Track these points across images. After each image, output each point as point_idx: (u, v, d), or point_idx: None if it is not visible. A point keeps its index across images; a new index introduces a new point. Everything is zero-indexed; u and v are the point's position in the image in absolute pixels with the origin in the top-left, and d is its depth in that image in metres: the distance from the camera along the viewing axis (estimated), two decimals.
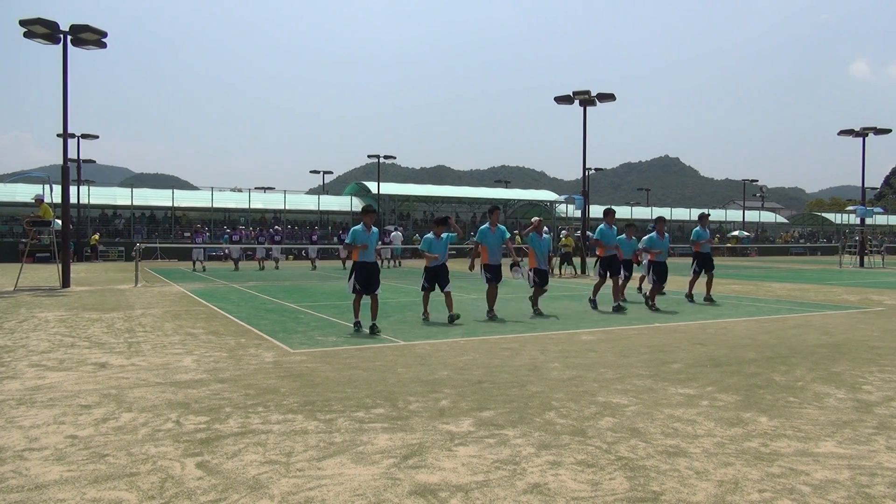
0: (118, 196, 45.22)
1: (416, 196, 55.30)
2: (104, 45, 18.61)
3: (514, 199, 58.68)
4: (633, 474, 3.70)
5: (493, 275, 11.04)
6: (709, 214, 15.05)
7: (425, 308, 10.68)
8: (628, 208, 63.85)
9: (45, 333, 9.12)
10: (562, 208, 56.67)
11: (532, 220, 12.35)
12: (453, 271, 11.15)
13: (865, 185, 37.35)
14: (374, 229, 9.57)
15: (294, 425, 4.63)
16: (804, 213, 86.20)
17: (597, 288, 12.52)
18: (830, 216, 73.46)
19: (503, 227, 11.28)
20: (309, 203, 50.95)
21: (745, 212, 64.85)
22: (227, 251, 31.36)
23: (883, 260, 34.27)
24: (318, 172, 62.90)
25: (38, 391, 5.67)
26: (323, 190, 64.69)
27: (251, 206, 47.72)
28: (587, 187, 27.52)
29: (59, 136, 20.12)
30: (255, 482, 3.56)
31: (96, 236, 39.20)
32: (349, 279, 9.50)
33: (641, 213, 62.98)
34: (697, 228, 14.28)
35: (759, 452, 4.09)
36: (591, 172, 51.28)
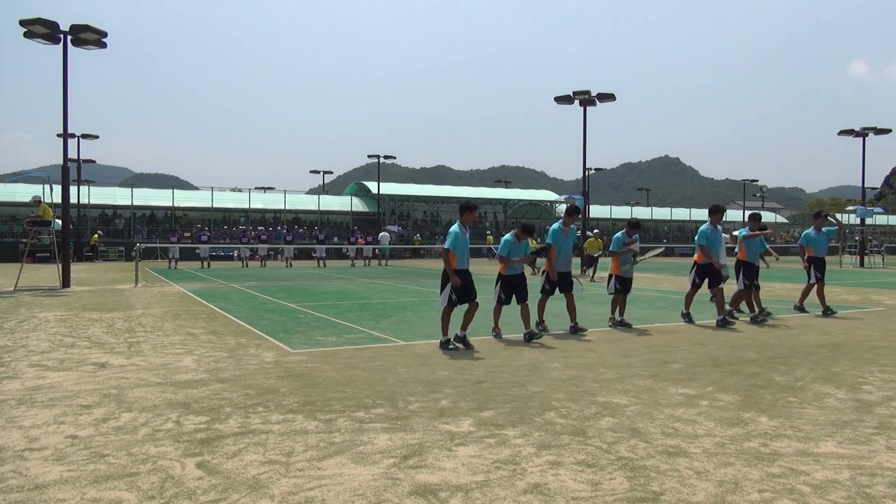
0: (118, 196, 45.23)
1: (416, 196, 55.29)
2: (104, 45, 18.61)
3: (514, 199, 58.67)
4: (633, 474, 3.70)
5: (552, 286, 9.70)
6: (826, 215, 12.85)
7: (496, 323, 9.16)
8: (628, 208, 63.86)
9: (45, 333, 9.12)
10: (562, 208, 56.64)
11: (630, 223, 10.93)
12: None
13: (865, 185, 37.36)
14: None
15: (294, 425, 4.63)
16: (804, 213, 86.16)
17: (689, 299, 10.86)
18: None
19: (574, 228, 10.01)
20: (309, 203, 50.96)
21: (745, 212, 64.79)
22: (197, 251, 32.55)
23: (883, 260, 34.28)
24: (318, 172, 62.91)
25: (39, 391, 5.67)
26: (323, 190, 64.68)
27: (251, 206, 47.73)
28: (587, 187, 27.52)
29: (59, 136, 20.13)
30: (256, 482, 3.56)
31: (96, 236, 39.18)
32: (443, 290, 8.18)
33: (641, 213, 63.00)
34: (811, 231, 12.48)
35: (759, 452, 4.09)
36: (591, 172, 51.31)
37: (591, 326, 9.92)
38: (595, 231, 14.54)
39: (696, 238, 10.58)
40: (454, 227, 8.25)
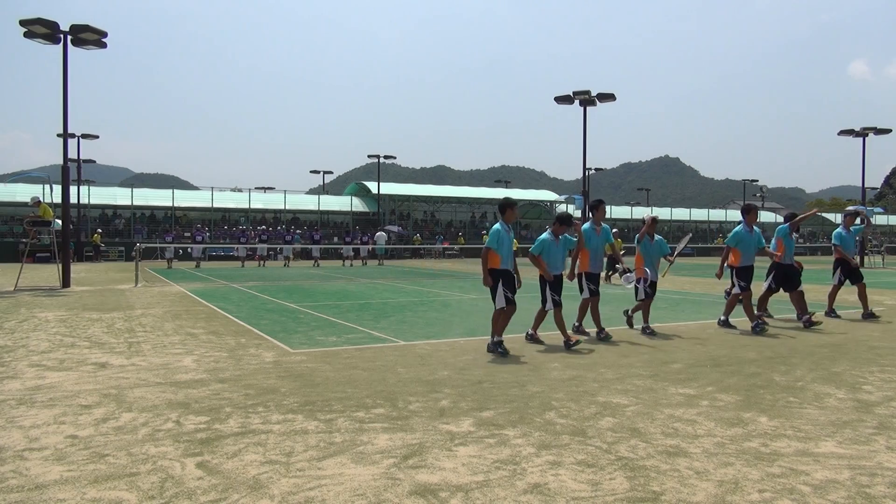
0: (118, 196, 45.25)
1: (416, 196, 55.30)
2: (104, 45, 18.62)
3: (514, 200, 58.65)
4: (633, 474, 3.70)
5: (596, 285, 9.32)
6: (854, 214, 12.20)
7: (564, 329, 8.21)
8: (628, 208, 63.85)
9: (46, 333, 9.12)
10: (562, 208, 56.68)
11: (645, 217, 10.13)
12: (451, 272, 10.88)
13: (865, 185, 37.37)
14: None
15: (294, 425, 4.63)
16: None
17: (732, 305, 10.10)
18: (830, 216, 73.44)
19: (607, 227, 9.52)
20: (309, 203, 50.97)
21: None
22: (190, 250, 33.23)
23: (883, 260, 34.27)
24: (318, 172, 62.92)
25: (39, 391, 5.67)
26: (323, 190, 64.70)
27: (251, 206, 47.74)
28: (587, 187, 27.53)
29: (59, 136, 20.13)
30: (256, 482, 3.56)
31: (98, 235, 39.17)
32: (496, 292, 7.68)
33: (641, 213, 63.00)
34: (842, 230, 11.81)
35: (759, 452, 4.09)
36: (591, 172, 51.31)
37: (591, 326, 9.91)
38: (614, 231, 13.77)
39: (726, 240, 9.93)
40: (496, 226, 7.75)
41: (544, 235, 8.38)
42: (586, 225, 9.32)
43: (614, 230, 13.27)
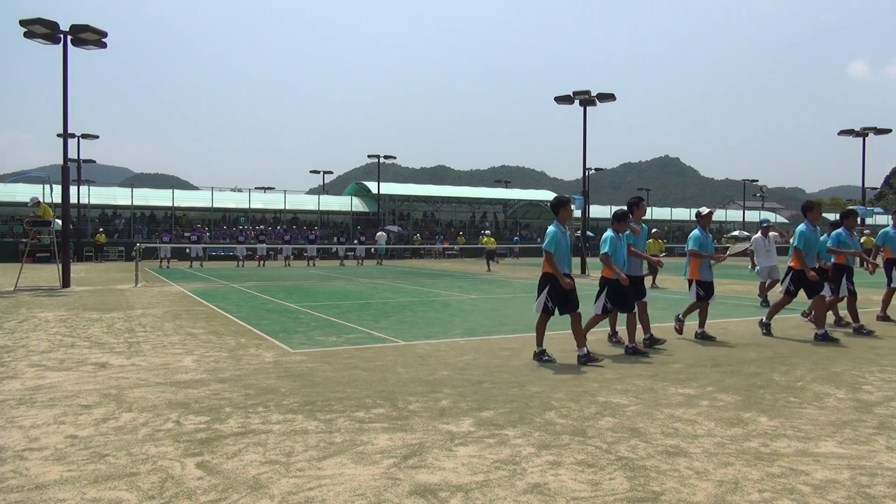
0: (118, 196, 45.25)
1: (416, 196, 55.29)
2: (104, 45, 18.62)
3: (514, 199, 58.65)
4: (633, 474, 3.70)
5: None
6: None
7: (614, 328, 8.14)
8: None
9: (46, 333, 9.12)
10: None
11: (701, 210, 9.17)
12: (451, 272, 10.76)
13: (865, 185, 37.39)
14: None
15: (294, 425, 4.63)
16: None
17: (778, 308, 9.41)
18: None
19: (645, 227, 8.81)
20: (309, 203, 50.97)
21: (745, 212, 64.84)
22: (188, 250, 33.27)
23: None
24: (318, 172, 62.90)
25: (39, 391, 5.67)
26: (323, 190, 64.68)
27: (251, 206, 47.74)
28: (587, 187, 27.53)
29: (59, 136, 20.13)
30: (256, 482, 3.56)
31: (102, 235, 39.14)
32: (539, 295, 7.27)
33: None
34: (889, 229, 11.02)
35: (759, 452, 4.09)
36: (591, 172, 51.28)
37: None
38: (654, 231, 12.54)
39: (792, 240, 9.18)
40: (552, 227, 7.18)
41: (609, 234, 7.76)
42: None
43: (654, 230, 12.19)
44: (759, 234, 14.09)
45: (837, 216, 10.32)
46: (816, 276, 8.75)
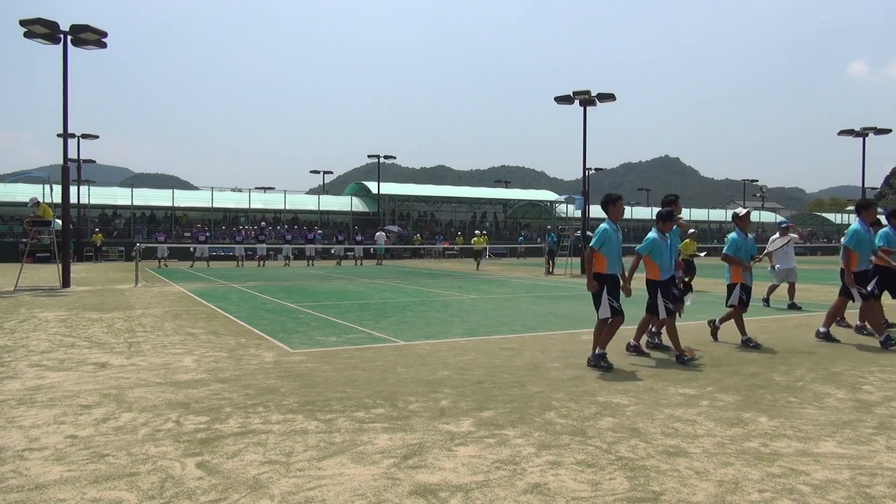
0: (118, 196, 45.24)
1: (416, 196, 55.30)
2: (104, 45, 18.61)
3: (514, 199, 58.67)
4: (633, 474, 3.70)
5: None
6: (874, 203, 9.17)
7: (678, 342, 7.21)
8: (628, 208, 63.84)
9: (46, 333, 9.12)
10: (562, 208, 56.67)
11: (738, 211, 8.61)
12: (451, 272, 10.63)
13: (865, 185, 37.39)
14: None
15: (294, 425, 4.63)
16: (804, 213, 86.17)
17: (839, 312, 8.87)
18: (830, 216, 73.46)
19: (676, 228, 8.04)
20: (309, 203, 50.97)
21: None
22: (193, 249, 33.40)
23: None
24: (318, 172, 62.92)
25: (39, 391, 5.67)
26: (323, 190, 64.69)
27: (251, 206, 47.74)
28: (587, 187, 27.52)
29: (59, 136, 20.13)
30: (256, 482, 3.56)
31: (100, 235, 39.15)
32: (600, 299, 6.79)
33: (641, 213, 62.98)
34: (889, 230, 9.13)
35: (759, 452, 4.09)
36: (591, 172, 51.26)
37: (591, 326, 9.90)
38: (692, 231, 11.64)
39: (843, 239, 8.61)
40: (603, 225, 6.88)
41: (653, 235, 7.35)
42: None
43: (691, 230, 11.32)
44: (777, 234, 13.45)
45: (886, 216, 9.26)
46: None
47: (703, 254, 18.34)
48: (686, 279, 9.79)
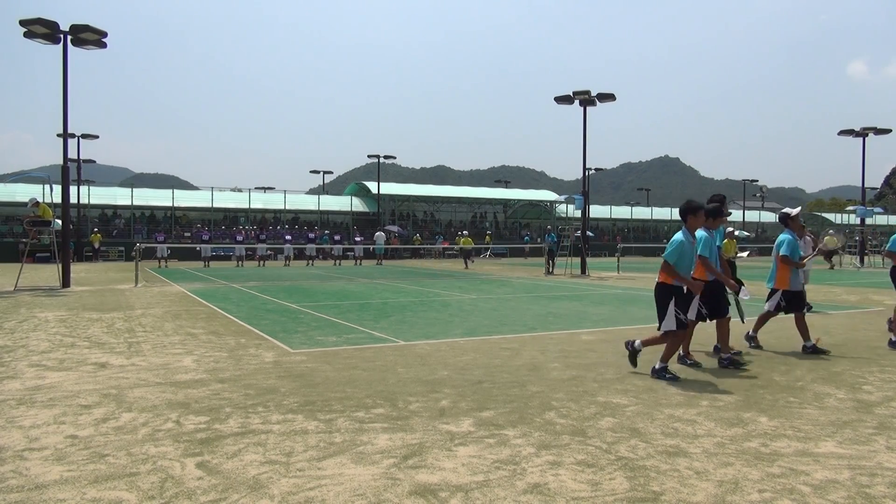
0: (118, 196, 45.25)
1: (416, 196, 55.31)
2: (104, 45, 18.62)
3: (514, 199, 58.67)
4: (633, 474, 3.70)
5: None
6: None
7: (687, 352, 7.08)
8: (628, 208, 63.85)
9: (45, 333, 9.12)
10: (562, 208, 56.67)
11: (789, 211, 8.10)
12: (451, 272, 10.56)
13: (865, 185, 37.41)
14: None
15: (294, 425, 4.63)
16: (804, 213, 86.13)
17: None
18: (830, 216, 73.46)
19: (723, 229, 7.75)
20: (309, 203, 50.98)
21: (745, 212, 64.87)
22: (198, 249, 33.66)
23: (883, 260, 34.26)
24: (318, 172, 62.91)
25: (38, 391, 5.67)
26: (323, 190, 64.69)
27: (251, 206, 47.75)
28: (587, 187, 27.52)
29: (59, 136, 20.13)
30: (255, 482, 3.56)
31: (98, 235, 39.13)
32: (667, 310, 6.32)
33: (641, 213, 62.98)
34: None
35: (759, 452, 4.09)
36: (591, 172, 51.28)
37: (591, 326, 9.92)
38: (730, 230, 10.93)
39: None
40: (678, 236, 6.41)
41: (703, 234, 6.73)
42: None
43: (729, 229, 10.73)
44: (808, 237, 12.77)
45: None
46: None
47: (745, 254, 17.84)
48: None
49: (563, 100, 25.78)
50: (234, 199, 48.92)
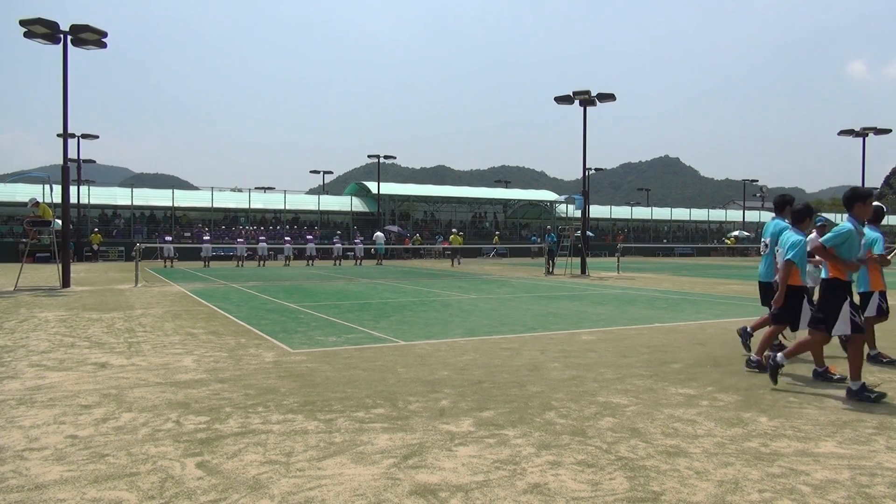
0: (118, 196, 45.24)
1: (416, 196, 55.29)
2: (104, 45, 18.61)
3: (514, 199, 58.66)
4: (633, 474, 3.70)
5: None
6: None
7: (821, 362, 6.41)
8: (628, 208, 63.86)
9: (45, 333, 9.12)
10: (562, 208, 56.66)
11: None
12: (451, 272, 10.62)
13: (865, 185, 37.38)
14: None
15: (294, 425, 4.63)
16: None
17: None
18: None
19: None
20: (309, 203, 50.97)
21: (745, 212, 64.87)
22: (201, 249, 33.54)
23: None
24: (318, 172, 62.90)
25: (38, 391, 5.67)
26: (323, 190, 64.67)
27: (251, 206, 47.75)
28: (587, 187, 27.52)
29: (59, 136, 20.14)
30: (255, 482, 3.56)
31: (98, 236, 39.12)
32: (839, 313, 5.57)
33: (641, 213, 62.96)
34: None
35: (759, 452, 4.09)
36: (591, 172, 51.30)
37: (591, 326, 9.92)
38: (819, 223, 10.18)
39: None
40: (846, 224, 5.81)
41: (796, 236, 6.27)
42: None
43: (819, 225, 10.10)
44: (814, 233, 12.35)
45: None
46: None
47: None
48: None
49: (563, 100, 25.77)
50: (235, 199, 48.91)
